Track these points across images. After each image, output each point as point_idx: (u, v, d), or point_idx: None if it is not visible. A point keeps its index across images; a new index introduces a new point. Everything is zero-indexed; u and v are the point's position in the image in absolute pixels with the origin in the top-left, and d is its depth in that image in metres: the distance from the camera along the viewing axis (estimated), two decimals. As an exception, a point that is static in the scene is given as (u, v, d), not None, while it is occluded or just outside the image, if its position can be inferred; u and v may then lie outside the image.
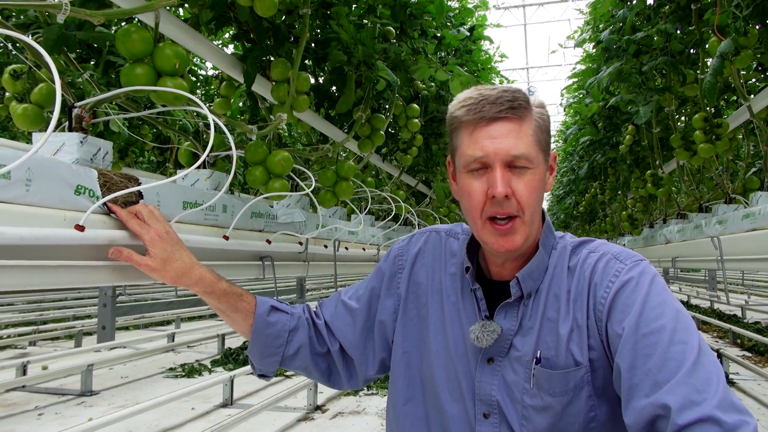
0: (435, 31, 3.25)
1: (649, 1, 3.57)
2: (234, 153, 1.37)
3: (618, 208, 7.00)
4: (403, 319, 1.14)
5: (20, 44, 1.72)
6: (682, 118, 4.16)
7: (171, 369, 5.68)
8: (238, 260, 1.83)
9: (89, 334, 7.19)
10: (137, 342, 6.72)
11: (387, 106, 3.08)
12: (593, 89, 4.30)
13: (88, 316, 8.51)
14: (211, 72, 3.46)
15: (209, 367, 5.78)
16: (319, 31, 2.42)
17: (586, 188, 7.72)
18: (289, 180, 2.03)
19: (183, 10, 2.29)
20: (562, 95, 6.14)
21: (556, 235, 1.07)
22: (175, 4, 1.71)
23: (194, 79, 3.37)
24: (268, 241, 1.93)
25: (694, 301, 10.96)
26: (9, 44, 1.88)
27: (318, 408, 4.33)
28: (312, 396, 4.33)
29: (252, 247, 1.83)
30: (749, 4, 2.61)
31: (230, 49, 2.89)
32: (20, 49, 1.79)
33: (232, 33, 2.56)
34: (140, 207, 1.20)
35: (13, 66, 1.63)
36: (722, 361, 5.07)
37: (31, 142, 1.54)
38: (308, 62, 2.52)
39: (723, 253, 3.08)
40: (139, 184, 1.26)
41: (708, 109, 3.22)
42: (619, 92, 4.31)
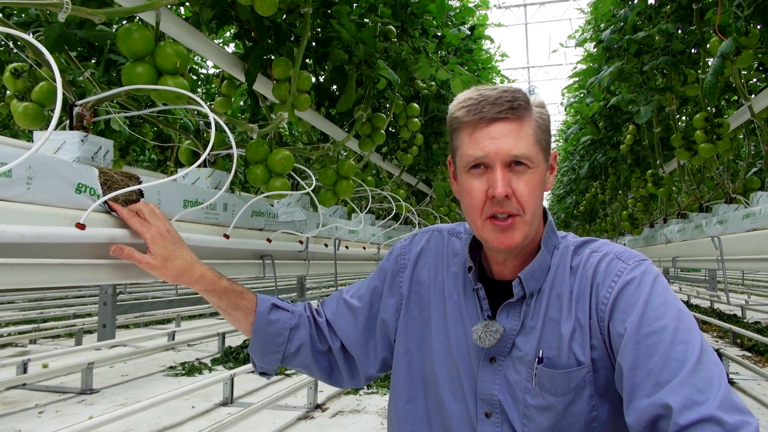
0: (436, 30, 3.25)
1: (651, 0, 3.56)
2: (234, 152, 1.37)
3: (618, 207, 7.00)
4: (405, 319, 1.14)
5: (21, 43, 1.72)
6: (683, 117, 4.16)
7: (171, 367, 5.68)
8: (239, 259, 1.83)
9: (90, 332, 7.20)
10: (138, 340, 6.72)
11: (387, 105, 3.08)
12: (594, 89, 4.29)
13: (89, 315, 8.51)
14: (212, 71, 3.46)
15: (209, 365, 5.78)
16: (320, 30, 2.41)
17: (586, 188, 7.72)
18: (290, 179, 2.03)
19: (184, 8, 2.29)
20: (562, 94, 6.14)
21: (558, 234, 1.07)
22: (176, 2, 1.72)
23: (195, 77, 3.37)
24: (269, 240, 1.93)
25: (694, 301, 10.96)
26: (10, 42, 1.88)
27: (318, 407, 4.34)
28: (312, 395, 4.33)
29: (252, 245, 1.83)
30: (750, 4, 2.61)
31: (231, 47, 2.89)
32: (21, 47, 1.79)
33: (233, 32, 2.56)
34: (141, 205, 1.20)
35: (14, 64, 1.63)
36: (722, 361, 5.05)
37: (32, 141, 1.54)
38: (309, 61, 2.52)
39: (723, 253, 3.07)
40: (140, 183, 1.27)
41: (709, 108, 3.21)
42: (620, 92, 4.31)
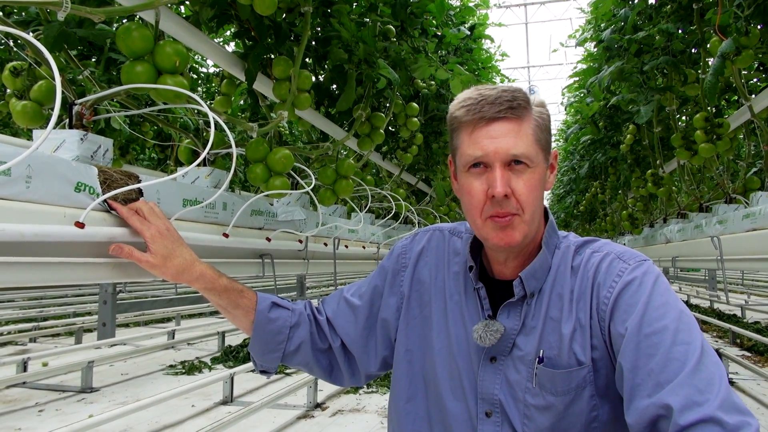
0: (436, 30, 3.24)
1: (651, 0, 3.56)
2: (234, 151, 1.37)
3: (618, 207, 7.00)
4: (405, 318, 1.14)
5: (21, 41, 1.72)
6: (683, 117, 4.16)
7: (171, 366, 5.68)
8: (238, 258, 1.83)
9: (90, 330, 7.19)
10: (137, 339, 6.72)
11: (387, 105, 3.08)
12: (594, 88, 4.29)
13: (89, 313, 8.51)
14: (212, 69, 3.46)
15: (209, 364, 5.78)
16: (320, 29, 2.41)
17: (586, 187, 7.73)
18: (290, 178, 2.03)
19: (185, 7, 2.28)
20: (563, 94, 6.14)
21: (559, 234, 1.07)
22: (176, 1, 1.72)
23: (195, 76, 3.37)
24: (268, 239, 1.93)
25: (693, 301, 10.95)
26: (10, 41, 1.88)
27: (318, 406, 4.34)
28: (312, 394, 4.33)
29: (252, 244, 1.83)
30: (750, 4, 2.61)
31: (232, 46, 2.89)
32: (21, 46, 1.79)
33: (233, 30, 2.56)
34: (141, 204, 1.20)
35: (13, 63, 1.63)
36: (722, 361, 5.04)
37: (32, 139, 1.54)
38: (309, 60, 2.52)
39: (723, 253, 3.08)
40: (140, 182, 1.27)
41: (709, 108, 3.22)
42: (620, 91, 4.31)
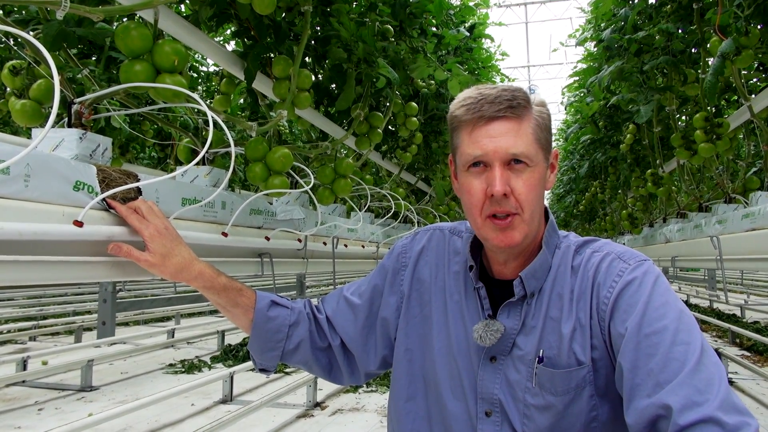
0: (435, 30, 3.24)
1: (651, 0, 3.56)
2: (233, 150, 1.37)
3: (618, 207, 7.01)
4: (406, 317, 1.14)
5: (21, 40, 1.72)
6: (683, 117, 4.16)
7: (171, 365, 5.69)
8: (237, 257, 1.83)
9: (89, 329, 7.20)
10: (137, 338, 6.72)
11: (387, 104, 3.07)
12: (594, 88, 4.29)
13: (88, 312, 8.51)
14: (212, 68, 3.46)
15: (209, 363, 5.78)
16: (320, 28, 2.41)
17: (586, 187, 7.73)
18: (289, 177, 2.03)
19: (185, 6, 2.28)
20: (563, 94, 6.13)
21: (560, 234, 1.07)
22: (176, 0, 1.72)
23: (195, 75, 3.37)
24: (267, 238, 1.93)
25: (693, 301, 10.95)
26: (11, 40, 1.88)
27: (317, 405, 4.34)
28: (311, 393, 4.34)
29: (250, 244, 1.84)
30: (750, 4, 2.61)
31: (232, 45, 2.89)
32: (20, 44, 1.79)
33: (233, 30, 2.56)
34: (139, 203, 1.20)
35: (12, 62, 1.63)
36: (721, 361, 5.06)
37: (32, 138, 1.54)
38: (308, 59, 2.52)
39: (722, 253, 3.08)
40: (138, 181, 1.27)
41: (709, 108, 3.21)
42: (620, 91, 4.31)
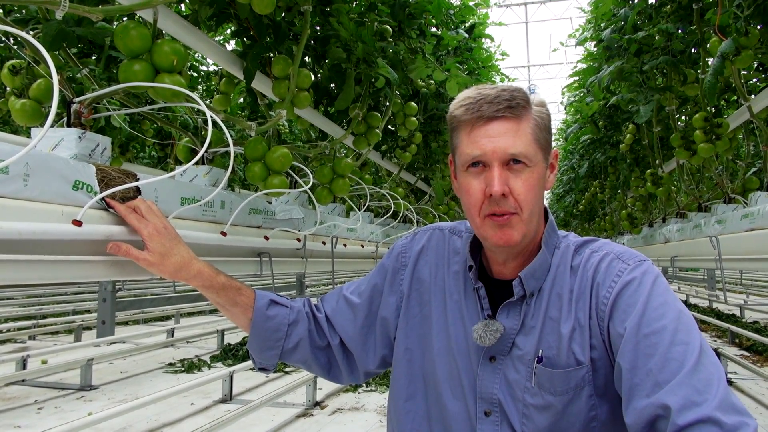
0: (436, 30, 3.24)
1: (651, 0, 3.56)
2: (232, 149, 1.38)
3: (618, 206, 7.00)
4: (405, 316, 1.14)
5: (21, 39, 1.72)
6: (683, 117, 4.16)
7: (170, 364, 5.69)
8: (236, 256, 1.83)
9: (89, 328, 7.20)
10: (137, 337, 6.73)
11: (387, 104, 3.08)
12: (594, 88, 4.29)
13: (88, 311, 8.52)
14: (212, 68, 3.46)
15: (208, 362, 5.79)
16: (319, 28, 2.41)
17: (586, 187, 7.72)
18: (288, 177, 2.03)
19: (185, 5, 2.28)
20: (563, 93, 6.13)
21: (559, 234, 1.07)
22: (175, 0, 1.72)
23: (195, 74, 3.37)
24: (266, 238, 1.93)
25: (692, 301, 10.96)
26: (11, 39, 1.88)
27: (317, 404, 4.34)
28: (311, 392, 4.34)
29: (250, 243, 1.84)
30: (750, 5, 2.61)
31: (232, 44, 2.89)
32: (21, 44, 1.79)
33: (232, 29, 2.56)
34: (138, 202, 1.20)
35: (12, 61, 1.64)
36: (720, 361, 5.07)
37: (31, 137, 1.54)
38: (307, 59, 2.52)
39: (722, 253, 3.08)
40: (137, 180, 1.27)
41: (708, 108, 3.21)
42: (619, 91, 4.31)
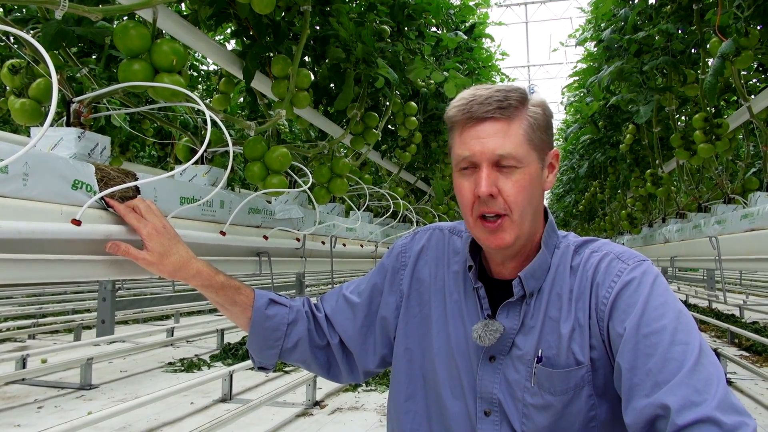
0: (435, 29, 3.24)
1: (651, 0, 3.56)
2: (231, 149, 1.38)
3: (617, 207, 7.00)
4: (405, 316, 1.14)
5: (20, 39, 1.72)
6: (683, 117, 4.16)
7: (170, 363, 5.69)
8: (235, 256, 1.84)
9: (88, 327, 7.21)
10: (136, 336, 6.73)
11: (387, 104, 3.08)
12: (594, 88, 4.29)
13: (88, 310, 8.53)
14: (212, 67, 3.45)
15: (208, 362, 5.79)
16: (319, 28, 2.41)
17: (585, 187, 7.72)
18: (287, 176, 2.03)
19: (185, 5, 2.28)
20: (563, 93, 6.14)
21: (559, 234, 1.07)
22: (175, 0, 1.72)
23: (195, 74, 3.37)
24: (265, 237, 1.93)
25: (692, 301, 10.96)
26: (11, 38, 1.88)
27: (317, 404, 4.35)
28: (311, 392, 4.34)
29: (249, 243, 1.84)
30: (750, 5, 2.61)
31: (232, 44, 2.89)
32: (21, 43, 1.79)
33: (232, 29, 2.56)
34: (138, 202, 1.21)
35: (12, 61, 1.64)
36: (720, 361, 5.07)
37: (31, 137, 1.54)
38: (307, 59, 2.52)
39: (721, 253, 3.08)
40: (136, 180, 1.27)
41: (708, 109, 3.21)
42: (619, 91, 4.31)
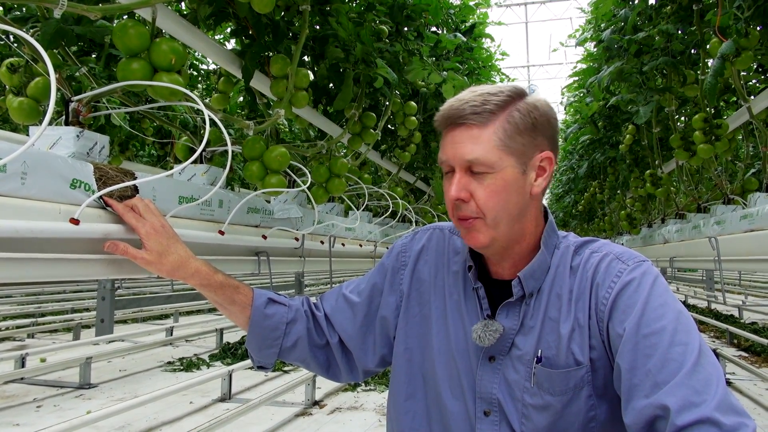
0: (435, 31, 3.24)
1: (651, 1, 3.56)
2: (230, 148, 1.38)
3: (617, 207, 7.00)
4: (405, 316, 1.14)
5: (19, 38, 1.72)
6: (682, 118, 4.16)
7: (169, 363, 5.69)
8: (234, 255, 1.83)
9: (88, 327, 7.21)
10: (136, 335, 6.73)
11: (387, 104, 3.08)
12: (594, 88, 4.29)
13: (87, 309, 8.52)
14: (212, 66, 3.45)
15: (207, 361, 5.79)
16: (318, 27, 2.41)
17: (585, 187, 7.73)
18: (286, 176, 2.03)
19: (185, 3, 2.28)
20: (562, 94, 6.14)
21: (559, 234, 1.07)
22: (174, -1, 1.72)
23: (195, 73, 3.36)
24: (264, 237, 1.93)
25: (691, 301, 10.96)
26: (11, 37, 1.88)
27: (316, 403, 4.35)
28: (310, 391, 4.34)
29: (247, 242, 1.84)
30: (750, 6, 2.61)
31: (233, 43, 2.88)
32: (20, 42, 1.78)
33: (232, 28, 2.56)
34: (136, 201, 1.21)
35: (10, 59, 1.63)
36: (719, 361, 5.06)
37: (30, 136, 1.54)
38: (306, 58, 2.52)
39: (720, 254, 3.08)
40: (135, 179, 1.27)
41: (708, 109, 3.22)
42: (619, 92, 4.31)
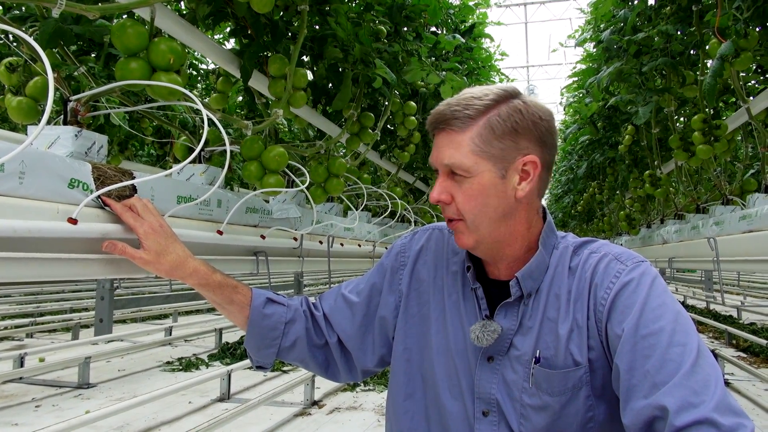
0: (435, 31, 3.23)
1: (651, 1, 3.56)
2: (228, 148, 1.38)
3: (616, 207, 7.00)
4: (404, 316, 1.14)
5: (18, 37, 1.71)
6: (681, 119, 4.16)
7: (168, 363, 5.69)
8: (233, 255, 1.83)
9: (86, 326, 7.20)
10: (134, 335, 6.73)
11: (386, 104, 3.07)
12: (593, 89, 4.29)
13: (86, 309, 8.52)
14: (212, 66, 3.45)
15: (206, 361, 5.79)
16: (317, 27, 2.41)
17: (584, 187, 7.72)
18: (285, 176, 2.03)
19: (183, 3, 2.28)
20: (562, 94, 6.13)
21: (558, 234, 1.07)
22: (172, -2, 1.71)
23: (195, 73, 3.36)
24: (263, 237, 1.93)
25: (690, 302, 10.97)
26: (10, 36, 1.87)
27: (315, 403, 4.35)
28: (309, 391, 4.34)
29: (246, 242, 1.84)
30: (750, 7, 2.61)
31: (231, 43, 2.88)
32: (19, 41, 1.78)
33: (230, 28, 2.55)
34: (134, 200, 1.21)
35: (9, 59, 1.63)
36: (718, 362, 5.06)
37: (27, 135, 1.54)
38: (305, 58, 2.52)
39: (719, 254, 3.09)
40: (133, 178, 1.27)
41: (707, 110, 3.22)
42: (618, 92, 4.31)
